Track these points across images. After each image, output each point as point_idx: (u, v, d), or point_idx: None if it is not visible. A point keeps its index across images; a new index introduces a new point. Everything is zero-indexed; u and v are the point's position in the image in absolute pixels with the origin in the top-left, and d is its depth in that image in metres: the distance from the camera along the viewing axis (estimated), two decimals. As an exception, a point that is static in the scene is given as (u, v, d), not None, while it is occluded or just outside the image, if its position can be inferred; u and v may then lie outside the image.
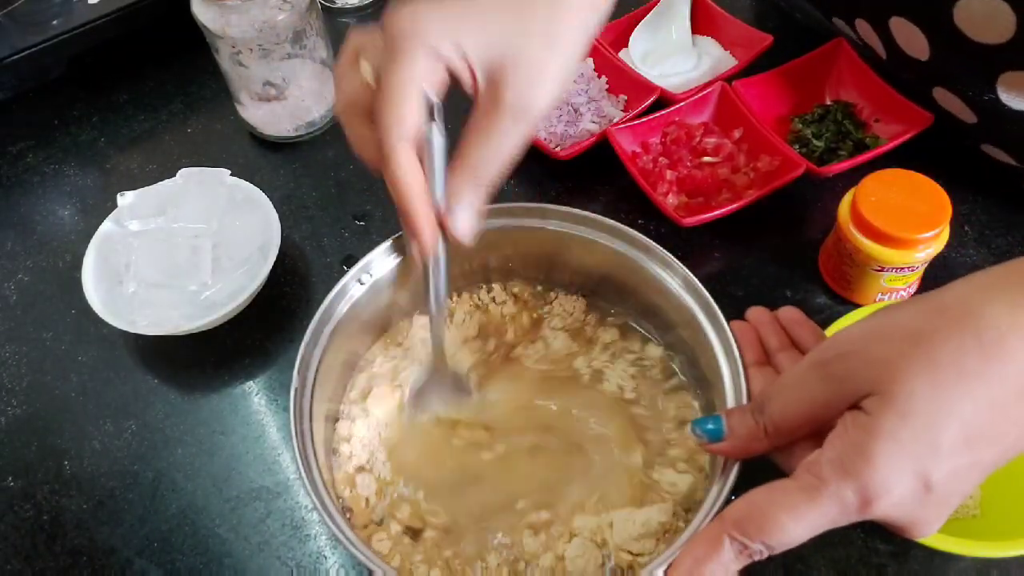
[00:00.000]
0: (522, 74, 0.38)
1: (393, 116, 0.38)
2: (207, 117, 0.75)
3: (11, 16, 0.71)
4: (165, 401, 0.58)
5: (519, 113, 0.39)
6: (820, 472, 0.32)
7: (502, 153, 0.40)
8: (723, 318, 0.45)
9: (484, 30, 0.38)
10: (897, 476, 0.31)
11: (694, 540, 0.34)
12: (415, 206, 0.39)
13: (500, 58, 0.38)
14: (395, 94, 0.38)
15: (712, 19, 0.74)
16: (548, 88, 0.40)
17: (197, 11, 0.63)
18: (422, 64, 0.38)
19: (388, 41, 0.38)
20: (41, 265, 0.66)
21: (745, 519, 0.33)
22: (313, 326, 0.46)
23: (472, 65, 0.39)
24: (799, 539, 0.33)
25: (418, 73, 0.38)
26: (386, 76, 0.38)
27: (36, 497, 0.54)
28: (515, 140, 0.39)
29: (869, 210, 0.53)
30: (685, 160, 0.64)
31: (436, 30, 0.38)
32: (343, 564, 0.50)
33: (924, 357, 0.32)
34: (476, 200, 0.40)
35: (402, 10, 0.38)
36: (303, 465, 0.41)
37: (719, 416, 0.39)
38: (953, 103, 0.59)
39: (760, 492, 0.34)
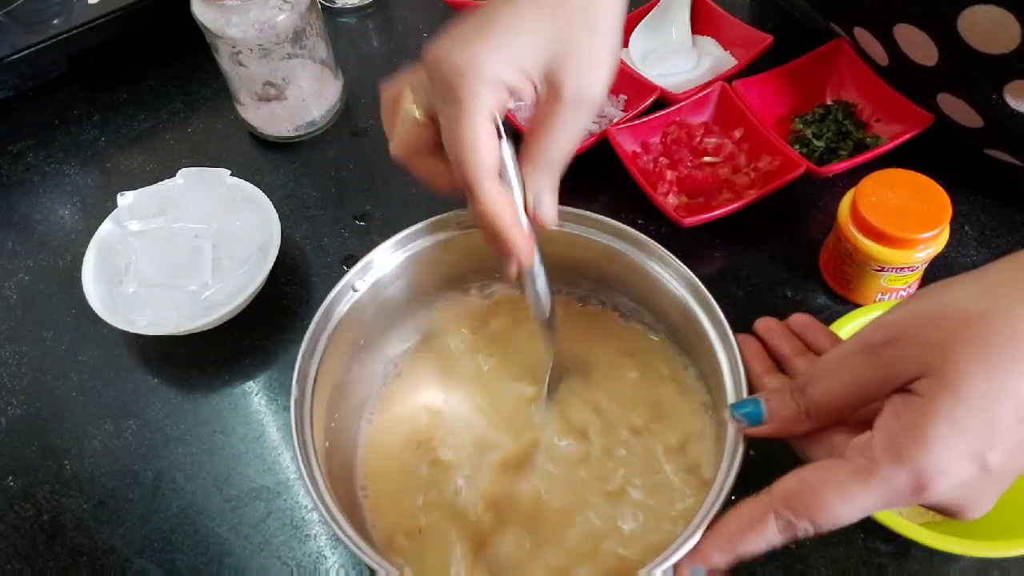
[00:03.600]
0: (575, 67, 0.40)
1: (475, 157, 0.39)
2: (207, 117, 0.75)
3: (11, 16, 0.71)
4: (165, 401, 0.58)
5: (580, 103, 0.41)
6: (873, 455, 0.32)
7: (570, 142, 0.42)
8: (723, 317, 0.45)
9: (535, 42, 0.39)
10: (953, 459, 0.31)
11: (738, 510, 0.35)
12: (512, 231, 0.41)
13: (553, 58, 0.40)
14: (471, 136, 0.39)
15: (712, 19, 0.74)
16: (602, 74, 0.41)
17: (197, 11, 0.63)
18: (489, 100, 0.39)
19: (445, 84, 0.39)
20: (41, 265, 0.66)
21: (794, 496, 0.33)
22: (313, 326, 0.46)
23: (534, 75, 0.40)
24: (847, 520, 0.33)
25: (487, 109, 0.39)
26: (456, 120, 0.39)
27: (36, 497, 0.54)
28: (579, 128, 0.42)
29: (869, 210, 0.53)
30: (685, 160, 0.64)
31: (495, 62, 0.39)
32: (343, 564, 0.50)
33: (977, 338, 0.32)
34: (554, 188, 0.43)
35: (451, 48, 0.39)
36: (303, 464, 0.41)
37: (757, 399, 0.39)
38: (958, 108, 0.59)
39: (811, 470, 0.34)
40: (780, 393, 0.38)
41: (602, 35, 0.41)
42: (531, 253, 0.43)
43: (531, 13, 0.40)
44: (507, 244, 0.41)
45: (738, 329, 0.44)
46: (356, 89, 0.75)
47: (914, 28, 0.56)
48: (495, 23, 0.40)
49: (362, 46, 0.81)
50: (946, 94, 0.59)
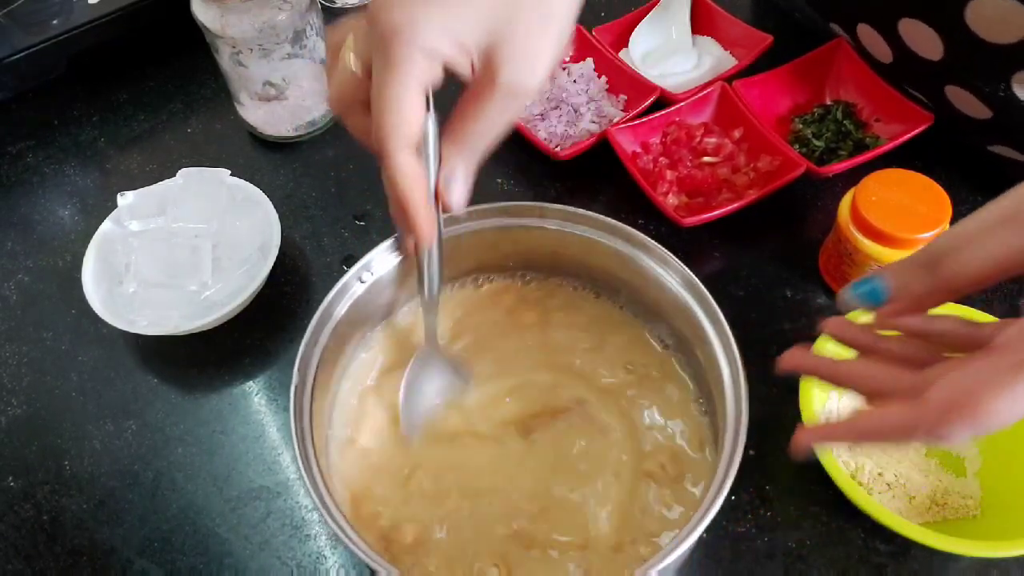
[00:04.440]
0: (517, 54, 0.38)
1: (394, 122, 0.38)
2: (207, 117, 0.75)
3: (11, 16, 0.71)
4: (165, 401, 0.58)
5: (515, 92, 0.39)
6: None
7: (497, 129, 0.40)
8: (723, 318, 0.45)
9: (479, 16, 0.38)
10: None
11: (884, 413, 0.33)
12: (417, 208, 0.40)
13: (494, 39, 0.38)
14: (395, 100, 0.37)
15: (712, 19, 0.74)
16: (542, 65, 0.40)
17: (197, 11, 0.63)
18: (421, 66, 0.37)
19: (381, 42, 0.37)
20: (41, 265, 0.66)
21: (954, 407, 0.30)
22: (313, 325, 0.46)
23: (472, 52, 0.38)
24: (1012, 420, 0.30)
25: (418, 77, 0.37)
26: (384, 81, 0.37)
27: (36, 497, 0.54)
28: (510, 117, 0.40)
29: (869, 210, 0.53)
30: (685, 160, 0.64)
31: (435, 29, 0.37)
32: (343, 564, 0.50)
33: None
34: (470, 173, 0.42)
35: (394, 6, 0.37)
36: (303, 464, 0.41)
37: (875, 276, 0.37)
38: (966, 100, 0.59)
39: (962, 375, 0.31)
40: (903, 267, 0.36)
41: (552, 27, 0.39)
42: (432, 233, 0.42)
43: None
44: (410, 220, 0.40)
45: (738, 329, 0.44)
46: (356, 89, 0.75)
47: (920, 22, 0.56)
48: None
49: (362, 46, 0.81)
50: (953, 87, 0.59)
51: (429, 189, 0.41)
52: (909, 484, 0.49)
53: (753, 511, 0.50)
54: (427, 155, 0.40)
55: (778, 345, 0.56)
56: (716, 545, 0.49)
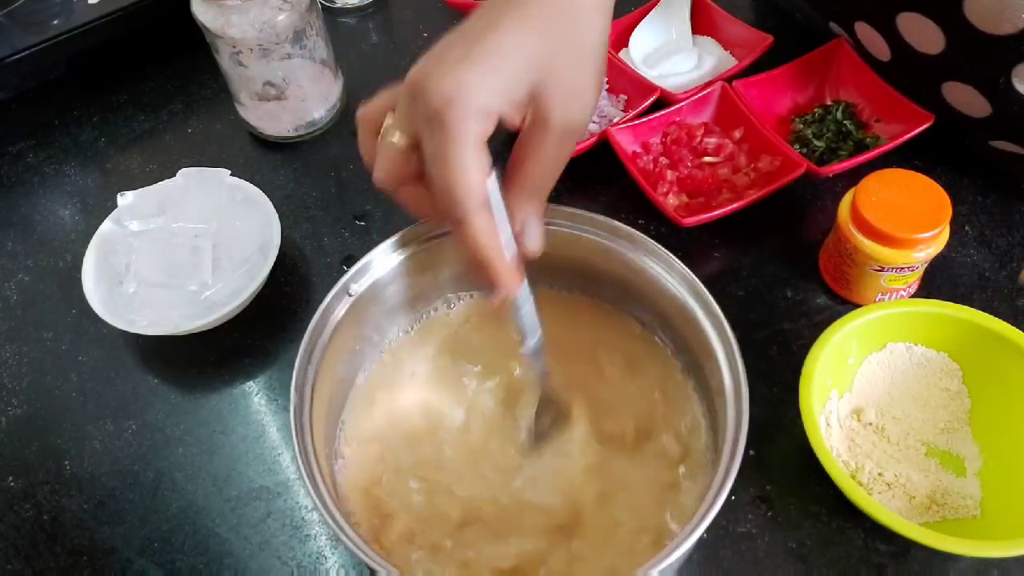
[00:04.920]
0: (563, 93, 0.39)
1: (464, 190, 0.38)
2: (207, 117, 0.75)
3: (11, 16, 0.71)
4: (165, 401, 0.58)
5: (568, 130, 0.40)
6: None
7: (556, 169, 0.41)
8: (723, 317, 0.45)
9: (523, 67, 0.38)
10: None
11: None
12: (499, 264, 0.40)
13: (539, 85, 0.39)
14: (459, 168, 0.37)
15: (712, 19, 0.74)
16: (588, 100, 0.41)
17: (197, 11, 0.63)
18: (478, 130, 0.38)
19: (433, 112, 0.37)
20: (41, 265, 0.66)
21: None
22: (313, 325, 0.46)
23: (520, 102, 0.39)
24: None
25: (476, 140, 0.38)
26: (445, 150, 0.37)
27: (36, 497, 0.54)
28: (566, 154, 0.41)
29: (869, 210, 0.53)
30: (685, 160, 0.64)
31: (484, 91, 0.37)
32: (343, 564, 0.50)
33: None
34: (539, 214, 0.42)
35: (437, 75, 0.37)
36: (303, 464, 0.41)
37: None
38: (965, 97, 0.59)
39: None
40: None
41: (589, 62, 0.40)
42: (518, 284, 0.42)
43: (518, 33, 0.39)
44: (495, 276, 0.41)
45: (738, 329, 0.44)
46: (356, 89, 0.75)
47: (919, 16, 0.56)
48: (482, 46, 0.38)
49: (362, 46, 0.81)
50: (953, 82, 0.59)
51: (505, 243, 0.41)
52: (909, 484, 0.49)
53: (753, 511, 0.50)
54: (494, 209, 0.40)
55: (778, 345, 0.57)
56: (716, 545, 0.49)
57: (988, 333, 0.50)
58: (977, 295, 0.59)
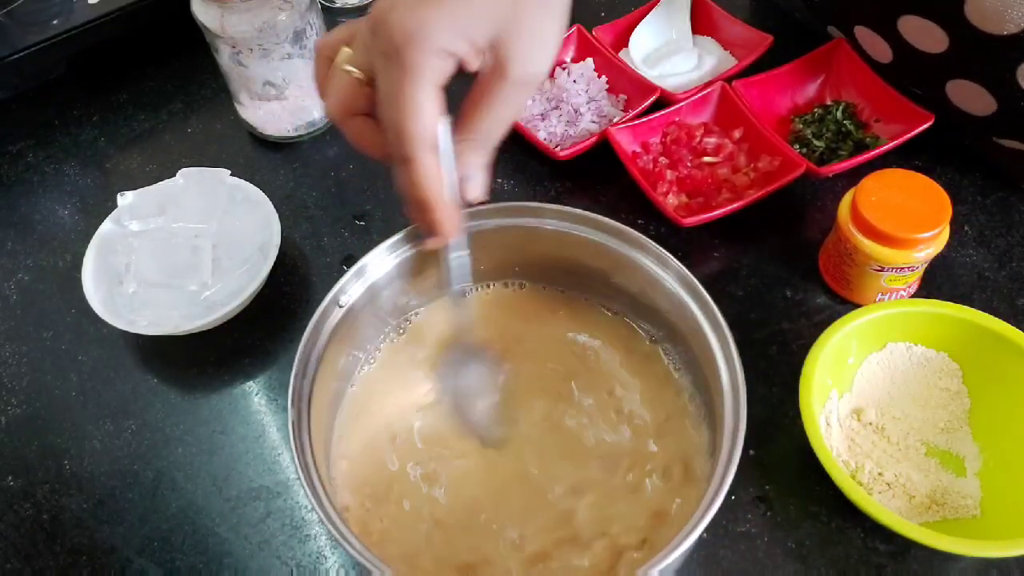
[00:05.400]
0: (524, 44, 0.39)
1: (415, 128, 0.38)
2: (207, 117, 0.75)
3: (11, 16, 0.71)
4: (165, 401, 0.58)
5: (527, 81, 0.40)
6: None
7: (509, 119, 0.41)
8: (721, 317, 0.45)
9: (485, 11, 0.38)
10: None
11: None
12: (441, 207, 0.40)
13: (501, 32, 0.38)
14: (415, 104, 0.37)
15: (712, 19, 0.74)
16: (549, 53, 0.40)
17: (197, 11, 0.63)
18: (437, 68, 0.37)
19: (392, 47, 0.37)
20: (41, 265, 0.66)
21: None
22: (313, 325, 0.46)
23: (480, 45, 0.38)
24: None
25: (434, 79, 0.37)
26: (400, 86, 0.37)
27: (36, 496, 0.54)
28: (520, 106, 0.41)
29: (869, 210, 0.53)
30: (685, 160, 0.64)
31: (446, 30, 0.37)
32: (343, 564, 0.50)
33: None
34: (485, 164, 0.42)
35: (400, 10, 0.37)
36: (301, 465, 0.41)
37: None
38: (969, 95, 0.58)
39: None
40: None
41: (554, 14, 0.40)
42: (456, 229, 0.42)
43: None
44: (435, 219, 0.41)
45: (738, 329, 0.44)
46: (356, 89, 0.75)
47: (920, 18, 0.56)
48: None
49: (362, 46, 0.81)
50: (957, 80, 0.59)
51: (450, 187, 0.41)
52: (909, 484, 0.49)
53: (753, 511, 0.50)
54: (442, 153, 0.40)
55: (778, 345, 0.57)
56: (716, 545, 0.49)
57: (988, 333, 0.50)
58: (977, 295, 0.59)
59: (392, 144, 0.39)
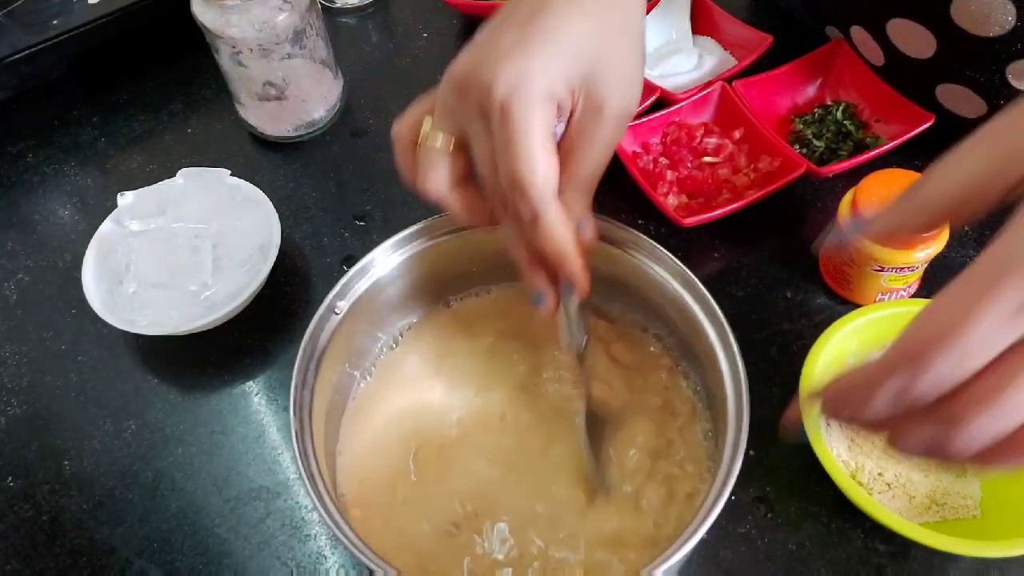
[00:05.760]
0: (616, 81, 0.38)
1: (538, 179, 0.36)
2: (207, 117, 0.75)
3: (11, 16, 0.71)
4: (165, 401, 0.58)
5: (621, 119, 0.39)
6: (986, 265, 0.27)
7: (607, 157, 0.39)
8: (723, 318, 0.45)
9: (579, 52, 0.37)
10: None
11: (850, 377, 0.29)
12: (576, 256, 0.39)
13: (595, 71, 0.37)
14: (531, 158, 0.36)
15: (712, 19, 0.74)
16: (638, 84, 0.40)
17: (197, 11, 0.63)
18: (545, 117, 0.36)
19: (493, 102, 0.35)
20: (41, 265, 0.66)
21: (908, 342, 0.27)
22: (313, 325, 0.46)
23: (575, 88, 0.38)
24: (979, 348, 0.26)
25: (545, 127, 0.36)
26: (513, 141, 0.36)
27: (36, 497, 0.54)
28: (616, 143, 0.40)
29: (869, 210, 0.53)
30: (685, 160, 0.64)
31: (547, 77, 0.36)
32: (343, 564, 0.50)
33: None
34: (589, 205, 0.40)
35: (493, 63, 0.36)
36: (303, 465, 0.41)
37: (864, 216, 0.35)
38: (959, 98, 0.59)
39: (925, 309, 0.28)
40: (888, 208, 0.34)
41: (638, 49, 0.39)
42: (588, 277, 0.40)
43: (570, 16, 0.37)
44: (572, 271, 0.38)
45: (737, 329, 0.44)
46: (356, 89, 0.75)
47: (909, 21, 0.56)
48: (535, 30, 0.36)
49: (362, 46, 0.81)
50: (947, 84, 0.59)
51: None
52: (909, 484, 0.49)
53: (753, 512, 0.50)
54: None
55: (778, 345, 0.57)
56: (717, 546, 0.49)
57: (988, 333, 0.50)
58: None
59: (513, 202, 0.37)
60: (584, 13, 0.37)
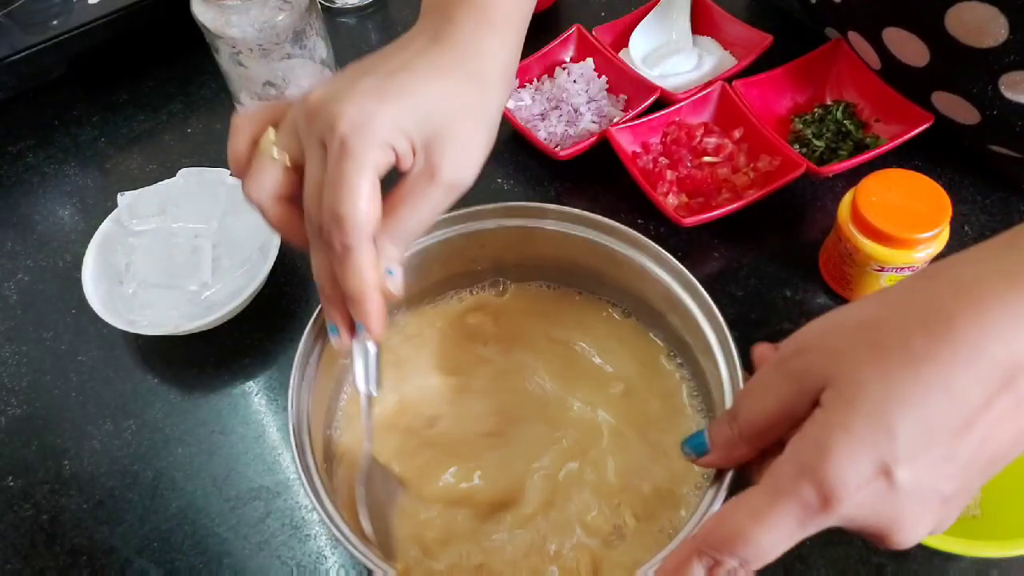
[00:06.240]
0: (458, 152, 0.39)
1: (358, 217, 0.37)
2: (207, 117, 0.75)
3: (11, 16, 0.71)
4: (165, 401, 0.58)
5: (453, 187, 0.40)
6: (779, 472, 0.31)
7: (431, 219, 0.41)
8: (721, 317, 0.45)
9: (426, 111, 0.39)
10: (854, 468, 0.29)
11: (667, 558, 0.33)
12: (376, 296, 0.40)
13: (436, 136, 0.39)
14: (358, 193, 0.37)
15: (712, 19, 0.74)
16: (478, 161, 0.41)
17: (197, 11, 0.63)
18: (379, 161, 0.38)
19: (336, 135, 0.37)
20: (41, 265, 0.66)
21: (712, 532, 0.32)
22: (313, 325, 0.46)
23: (415, 145, 0.39)
24: (770, 549, 0.31)
25: (376, 170, 0.38)
26: (344, 175, 0.37)
27: (36, 497, 0.54)
28: (443, 208, 0.41)
29: (869, 210, 0.53)
30: (685, 160, 0.64)
31: (390, 124, 0.37)
32: (343, 564, 0.50)
33: (872, 344, 0.31)
34: (402, 260, 0.41)
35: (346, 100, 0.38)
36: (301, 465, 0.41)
37: (702, 430, 0.38)
38: (954, 106, 0.59)
39: (729, 502, 0.32)
40: (719, 420, 0.37)
41: (488, 121, 0.41)
42: (384, 323, 0.41)
43: (430, 80, 0.39)
44: (367, 313, 0.40)
45: (737, 329, 0.44)
46: (356, 89, 0.75)
47: (903, 31, 0.57)
48: (395, 82, 0.39)
49: (362, 46, 0.81)
50: (941, 92, 0.59)
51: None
52: (909, 484, 0.49)
53: (753, 511, 0.50)
54: None
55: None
56: (716, 545, 0.49)
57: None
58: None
59: (328, 232, 0.38)
60: (444, 86, 0.40)
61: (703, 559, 0.32)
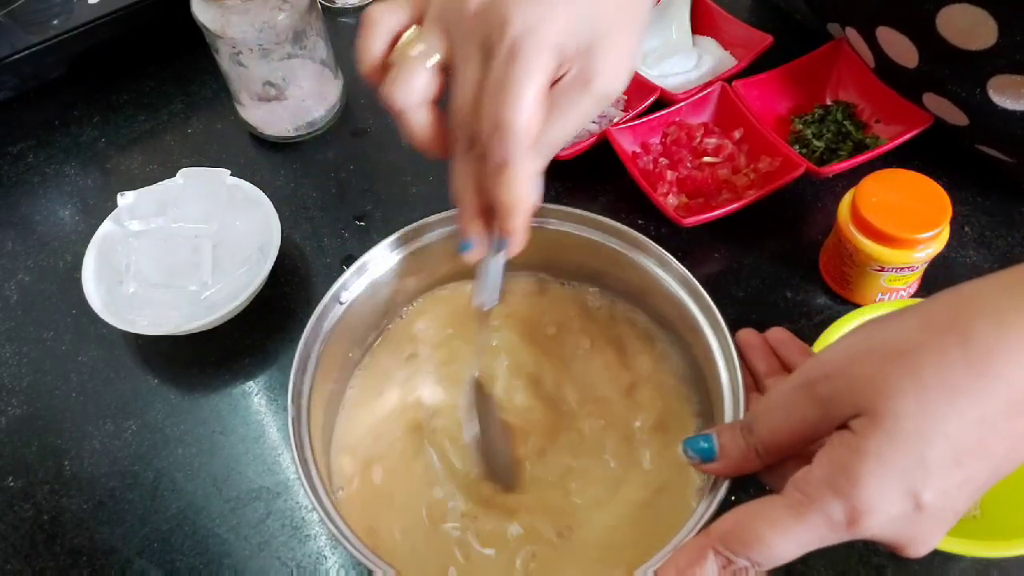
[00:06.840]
0: (613, 61, 0.37)
1: (523, 124, 0.35)
2: (207, 117, 0.75)
3: (11, 16, 0.71)
4: (165, 401, 0.58)
5: (605, 96, 0.38)
6: (807, 489, 0.32)
7: (576, 131, 0.39)
8: (721, 318, 0.45)
9: (592, 22, 0.36)
10: (885, 495, 0.30)
11: (679, 551, 0.34)
12: (526, 215, 0.38)
13: (597, 46, 0.37)
14: (525, 101, 0.35)
15: (712, 19, 0.74)
16: (630, 70, 0.39)
17: (197, 11, 0.63)
18: (550, 68, 0.36)
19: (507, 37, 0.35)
20: (41, 265, 0.66)
21: (730, 533, 0.33)
22: (312, 325, 0.46)
23: (574, 57, 0.37)
24: (785, 556, 0.32)
25: (547, 78, 0.36)
26: (514, 81, 0.35)
27: (36, 497, 0.54)
28: (589, 119, 0.39)
29: (869, 210, 0.53)
30: (685, 160, 0.64)
31: (564, 30, 0.35)
32: (343, 564, 0.50)
33: (910, 375, 0.31)
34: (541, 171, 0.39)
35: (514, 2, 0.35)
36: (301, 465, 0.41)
37: (710, 436, 0.38)
38: (943, 107, 0.59)
39: (747, 507, 0.33)
40: (731, 429, 0.37)
41: (641, 28, 0.39)
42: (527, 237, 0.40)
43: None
44: (515, 228, 0.38)
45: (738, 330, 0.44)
46: (356, 89, 0.75)
47: (894, 31, 0.57)
48: None
49: (362, 46, 0.81)
50: (930, 94, 0.59)
51: None
52: (909, 484, 0.49)
53: (753, 511, 0.50)
54: None
55: (778, 345, 0.56)
56: (716, 545, 0.49)
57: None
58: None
59: (488, 140, 0.36)
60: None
61: (718, 556, 0.33)
